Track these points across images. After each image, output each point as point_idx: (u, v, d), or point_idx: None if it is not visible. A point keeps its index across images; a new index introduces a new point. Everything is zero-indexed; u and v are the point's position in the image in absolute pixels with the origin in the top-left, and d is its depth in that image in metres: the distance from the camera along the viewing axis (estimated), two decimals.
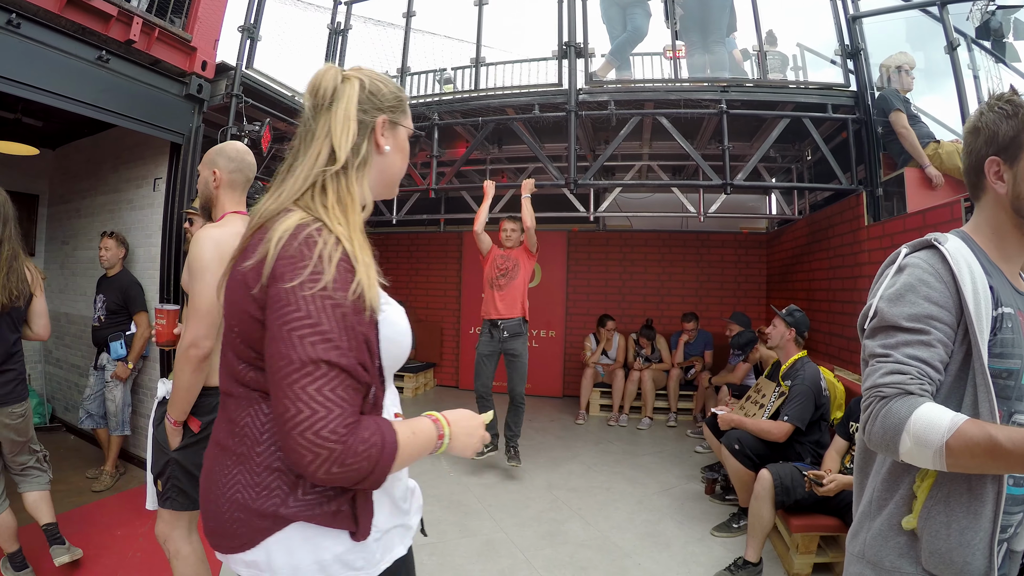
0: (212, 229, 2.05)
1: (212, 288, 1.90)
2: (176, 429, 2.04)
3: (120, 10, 3.55)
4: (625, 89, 4.91)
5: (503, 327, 4.63)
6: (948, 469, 1.00)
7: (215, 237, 2.00)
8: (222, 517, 1.07)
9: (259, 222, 1.08)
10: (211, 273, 1.93)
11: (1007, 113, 1.16)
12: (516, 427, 4.71)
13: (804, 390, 3.46)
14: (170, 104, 4.12)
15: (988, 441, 0.94)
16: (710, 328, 6.99)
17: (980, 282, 1.13)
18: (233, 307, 1.06)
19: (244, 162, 2.24)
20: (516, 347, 4.64)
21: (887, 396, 1.08)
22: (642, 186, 6.92)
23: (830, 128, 5.20)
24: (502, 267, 4.72)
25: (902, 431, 1.03)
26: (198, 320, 1.94)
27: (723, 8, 5.09)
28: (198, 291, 1.95)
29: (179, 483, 2.09)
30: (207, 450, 1.20)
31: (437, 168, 5.36)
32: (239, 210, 2.24)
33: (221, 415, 1.19)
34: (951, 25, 4.17)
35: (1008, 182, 1.19)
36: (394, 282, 6.74)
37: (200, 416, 2.07)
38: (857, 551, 1.24)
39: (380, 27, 5.77)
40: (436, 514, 3.90)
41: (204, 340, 1.93)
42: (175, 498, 2.11)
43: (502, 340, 4.64)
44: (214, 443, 1.18)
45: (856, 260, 4.61)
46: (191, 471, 2.07)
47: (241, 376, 1.09)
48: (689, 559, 3.36)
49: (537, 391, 7.79)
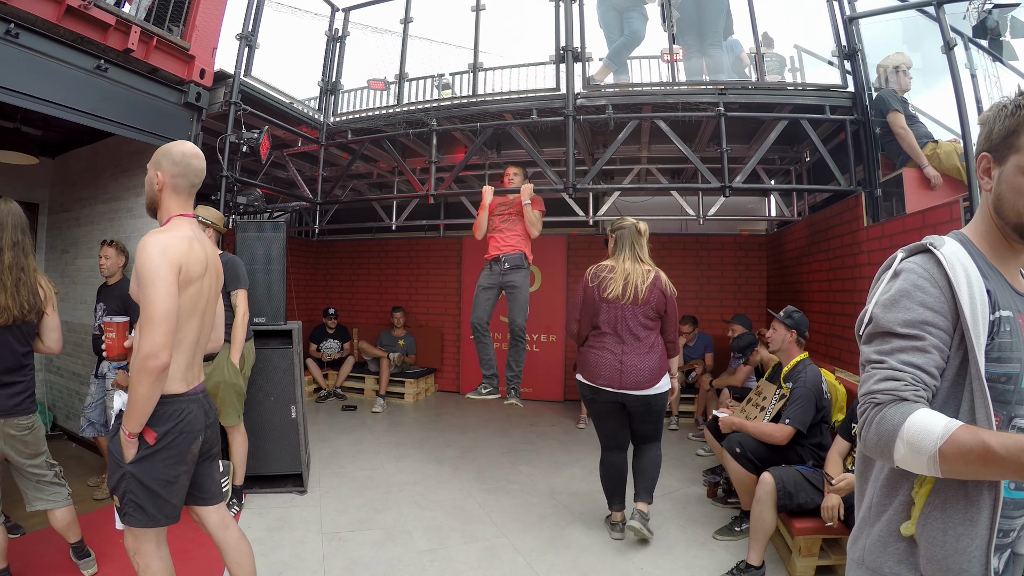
0: (157, 234, 1.98)
1: (165, 295, 1.87)
2: (131, 441, 1.95)
3: (118, 19, 3.57)
4: (623, 93, 4.92)
5: (504, 260, 4.56)
6: (942, 475, 0.99)
7: (161, 242, 1.94)
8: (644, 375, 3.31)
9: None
10: (161, 279, 1.88)
11: (1008, 112, 1.15)
12: (517, 365, 4.64)
13: (805, 392, 3.45)
14: (169, 112, 4.14)
15: (981, 447, 0.93)
16: (710, 331, 6.98)
17: (977, 286, 1.13)
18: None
19: (189, 167, 2.14)
20: (516, 279, 4.56)
21: (881, 403, 1.07)
22: (641, 189, 6.93)
23: (828, 129, 5.20)
24: (503, 214, 4.70)
25: (896, 437, 1.02)
26: (152, 329, 1.85)
27: (719, 11, 5.09)
28: (150, 299, 1.87)
29: (135, 498, 1.99)
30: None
31: (436, 174, 5.37)
32: (185, 213, 2.16)
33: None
34: (948, 25, 4.17)
35: (993, 180, 1.19)
36: (394, 288, 6.84)
37: (156, 427, 1.98)
38: (857, 557, 1.24)
39: (378, 34, 5.79)
40: (438, 520, 3.89)
41: (162, 351, 1.85)
42: (132, 514, 2.01)
43: (503, 272, 4.57)
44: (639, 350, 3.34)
45: (856, 261, 4.61)
46: (148, 485, 1.99)
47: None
48: (692, 563, 3.35)
49: (538, 396, 7.78)
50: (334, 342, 8.11)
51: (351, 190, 7.87)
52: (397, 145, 5.87)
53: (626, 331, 3.46)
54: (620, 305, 3.48)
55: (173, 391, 2.02)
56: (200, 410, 2.15)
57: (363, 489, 4.42)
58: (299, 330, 4.44)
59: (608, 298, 3.49)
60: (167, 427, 2.00)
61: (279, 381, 4.26)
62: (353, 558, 3.32)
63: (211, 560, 3.22)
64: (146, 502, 2.00)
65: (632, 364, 3.40)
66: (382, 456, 5.27)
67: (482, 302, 4.63)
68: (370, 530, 3.71)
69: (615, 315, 3.49)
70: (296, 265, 8.78)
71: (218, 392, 3.75)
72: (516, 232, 4.63)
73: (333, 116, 5.70)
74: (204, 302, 2.14)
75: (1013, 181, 1.14)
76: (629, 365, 3.40)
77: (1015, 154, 1.13)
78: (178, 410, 2.04)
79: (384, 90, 5.69)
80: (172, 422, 2.01)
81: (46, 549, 3.18)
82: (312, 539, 3.55)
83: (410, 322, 8.50)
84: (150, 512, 2.02)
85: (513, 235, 4.62)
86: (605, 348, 3.48)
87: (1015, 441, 0.91)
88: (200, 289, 2.09)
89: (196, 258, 2.05)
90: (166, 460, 2.01)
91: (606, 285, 3.51)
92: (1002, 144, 1.16)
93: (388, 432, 6.18)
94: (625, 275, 3.50)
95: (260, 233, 4.40)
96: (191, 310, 2.06)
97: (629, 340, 3.45)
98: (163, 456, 2.00)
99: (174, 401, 2.03)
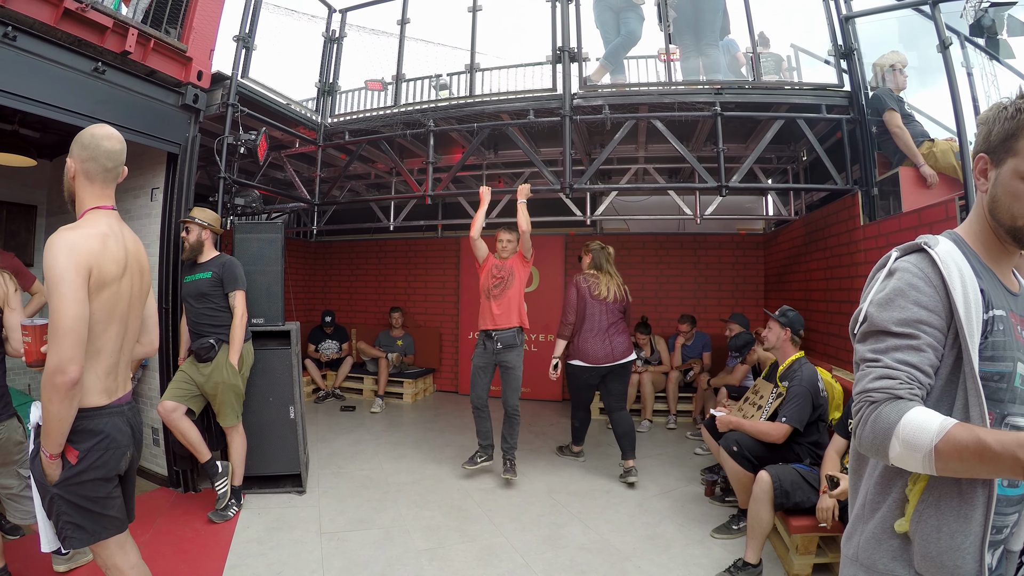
0: (65, 232, 1.78)
1: (71, 301, 1.70)
2: (53, 462, 1.80)
3: (116, 22, 3.57)
4: (619, 93, 4.92)
5: (497, 338, 4.58)
6: (938, 473, 1.00)
7: (68, 242, 1.75)
8: (624, 347, 4.65)
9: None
10: (68, 283, 1.70)
11: (1008, 114, 1.14)
12: (512, 439, 4.64)
13: (802, 391, 3.46)
14: (166, 114, 4.14)
15: (976, 444, 0.94)
16: (708, 330, 6.99)
17: (970, 286, 1.13)
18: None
19: (99, 149, 1.92)
20: (510, 359, 4.59)
21: (876, 401, 1.08)
22: (638, 189, 6.94)
23: (825, 128, 5.21)
24: (497, 276, 4.68)
25: (891, 436, 1.03)
26: (59, 341, 1.67)
27: (716, 11, 5.10)
28: (55, 307, 1.68)
29: (71, 519, 1.85)
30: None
31: (433, 174, 5.38)
32: (102, 204, 1.95)
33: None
34: (943, 24, 4.18)
35: (989, 182, 1.19)
36: (392, 288, 6.84)
37: (77, 444, 1.82)
38: (851, 554, 1.25)
39: (375, 35, 5.79)
40: (436, 519, 3.90)
41: (70, 364, 1.68)
42: (73, 535, 1.86)
43: (496, 352, 4.60)
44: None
45: (852, 260, 4.63)
46: (80, 505, 1.85)
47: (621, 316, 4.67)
48: (689, 561, 3.36)
49: (537, 395, 7.79)
50: (332, 342, 8.11)
51: (349, 191, 7.87)
52: (394, 146, 5.87)
53: (610, 319, 4.69)
54: (605, 302, 4.70)
55: (92, 404, 1.85)
56: (126, 423, 1.97)
57: (362, 489, 4.42)
58: (297, 331, 4.44)
59: (597, 297, 4.70)
60: (90, 444, 1.83)
61: (277, 382, 4.27)
62: (352, 558, 3.33)
63: (215, 558, 3.23)
64: (84, 521, 1.86)
65: (619, 341, 4.70)
66: (381, 456, 5.28)
67: (479, 382, 4.68)
68: (369, 530, 3.72)
69: (601, 308, 4.69)
70: (294, 266, 8.79)
71: (217, 393, 3.77)
72: (509, 297, 4.63)
73: (330, 117, 5.71)
74: (125, 305, 1.95)
75: (1009, 185, 1.14)
76: (617, 343, 4.68)
77: (1012, 157, 1.13)
78: (101, 425, 1.87)
79: (381, 91, 5.70)
80: (95, 438, 1.85)
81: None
82: (311, 539, 3.55)
83: (408, 322, 8.50)
84: (90, 529, 1.88)
85: (506, 304, 4.62)
86: (597, 337, 4.65)
87: (1011, 438, 0.92)
88: (118, 291, 1.90)
89: (112, 257, 1.86)
90: (93, 479, 1.86)
91: (595, 287, 4.72)
92: (1000, 147, 1.16)
93: (387, 432, 6.19)
94: (607, 281, 4.75)
95: (258, 234, 4.41)
96: (108, 315, 1.87)
97: (612, 326, 4.69)
98: (89, 476, 1.85)
99: (95, 415, 1.86)
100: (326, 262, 9.63)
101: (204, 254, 3.93)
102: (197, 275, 3.88)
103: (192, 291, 3.87)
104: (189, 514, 3.80)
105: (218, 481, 3.81)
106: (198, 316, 3.86)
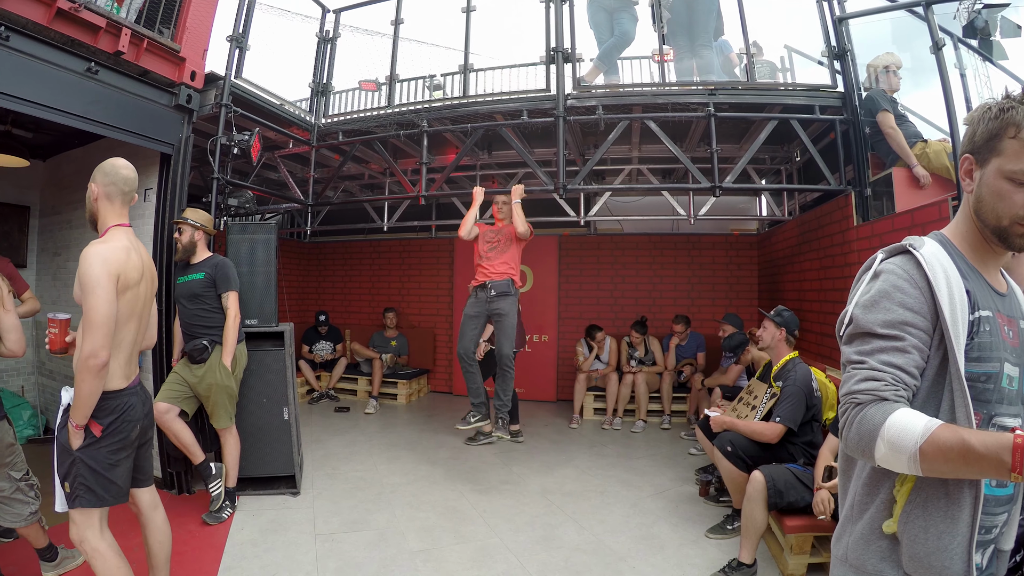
0: (97, 246, 2.21)
1: (105, 302, 2.13)
2: (78, 432, 2.18)
3: (109, 22, 3.55)
4: (613, 94, 4.93)
5: (491, 286, 4.47)
6: (923, 474, 1.01)
7: (102, 254, 2.17)
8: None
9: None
10: (102, 288, 2.12)
11: (992, 115, 1.15)
12: (504, 395, 4.55)
13: (795, 391, 3.47)
14: (159, 115, 4.12)
15: (961, 445, 0.95)
16: (702, 330, 7.01)
17: (956, 287, 1.14)
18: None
19: (118, 176, 2.35)
20: (503, 307, 4.47)
21: (862, 403, 1.09)
22: (632, 190, 6.96)
23: (818, 129, 5.23)
24: (492, 241, 4.63)
25: (877, 437, 1.04)
26: (94, 332, 2.09)
27: (709, 12, 5.11)
28: (92, 306, 2.11)
29: (85, 480, 2.20)
30: None
31: (427, 175, 5.37)
32: (122, 223, 2.37)
33: None
34: (936, 25, 4.20)
35: (975, 182, 1.20)
36: (386, 288, 6.85)
37: (101, 419, 2.22)
38: (840, 554, 1.25)
39: (369, 35, 5.79)
40: (430, 520, 3.90)
41: (101, 351, 2.09)
42: (83, 496, 2.21)
43: (489, 300, 4.48)
44: None
45: (846, 260, 4.64)
46: (96, 469, 2.22)
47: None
48: (684, 561, 3.37)
49: (531, 396, 7.79)
50: (326, 343, 8.09)
51: (342, 191, 7.86)
52: (388, 146, 5.86)
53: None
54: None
55: (115, 387, 2.27)
56: (139, 401, 2.39)
57: (356, 490, 4.41)
58: (291, 332, 4.43)
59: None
60: (111, 419, 2.24)
61: (271, 383, 4.26)
62: (346, 559, 3.32)
63: (209, 560, 3.22)
64: (95, 484, 2.22)
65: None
66: (375, 457, 5.27)
67: (468, 331, 4.58)
68: (363, 531, 3.71)
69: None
70: (288, 267, 8.76)
71: (210, 394, 3.75)
72: (504, 260, 4.57)
73: (324, 117, 5.69)
74: (140, 306, 2.38)
75: (993, 184, 1.15)
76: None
77: (996, 157, 1.14)
78: (121, 404, 2.29)
79: (375, 91, 5.69)
80: (116, 415, 2.26)
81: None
82: (305, 540, 3.54)
83: (402, 323, 8.50)
84: (99, 493, 2.23)
85: (501, 263, 4.56)
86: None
87: (995, 439, 0.92)
88: (137, 294, 2.33)
89: (133, 266, 2.29)
90: (111, 446, 2.25)
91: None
92: (984, 147, 1.16)
93: (381, 433, 6.18)
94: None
95: (251, 235, 4.40)
96: (129, 314, 2.30)
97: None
98: (108, 443, 2.24)
99: (116, 396, 2.28)
100: (320, 263, 9.61)
101: (197, 255, 3.92)
102: (190, 276, 3.87)
103: (185, 292, 3.86)
104: (183, 516, 3.78)
105: (212, 483, 3.80)
106: (191, 317, 3.84)
